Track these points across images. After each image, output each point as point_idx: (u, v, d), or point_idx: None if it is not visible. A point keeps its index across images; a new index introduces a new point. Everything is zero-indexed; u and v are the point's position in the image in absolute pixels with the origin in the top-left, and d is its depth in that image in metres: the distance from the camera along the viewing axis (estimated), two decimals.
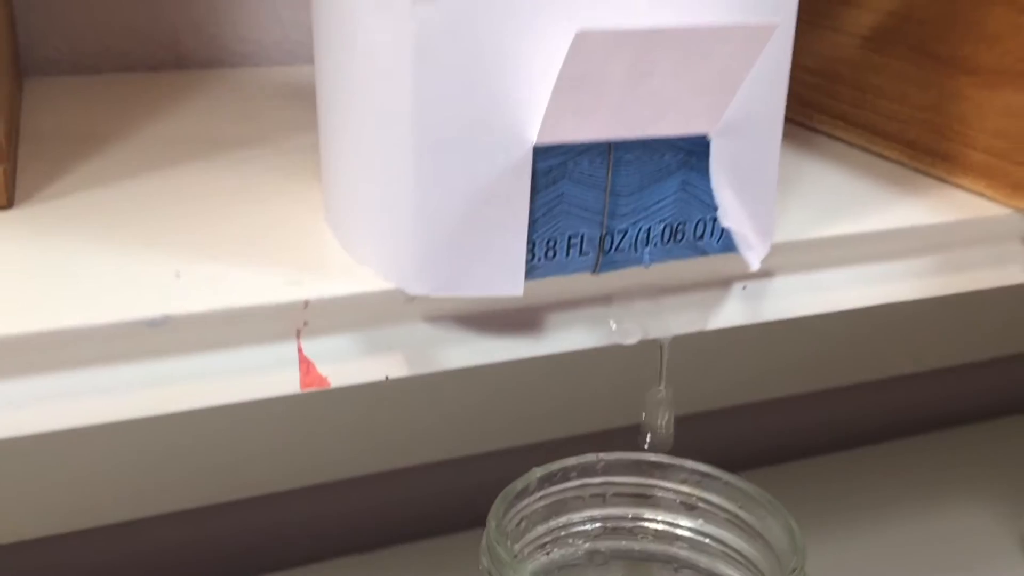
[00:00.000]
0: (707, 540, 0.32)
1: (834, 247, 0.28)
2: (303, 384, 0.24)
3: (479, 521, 0.30)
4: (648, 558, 0.33)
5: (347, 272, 0.24)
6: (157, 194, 0.28)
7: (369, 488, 0.51)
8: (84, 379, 0.22)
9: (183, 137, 0.34)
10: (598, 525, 0.33)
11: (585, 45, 0.20)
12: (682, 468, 0.32)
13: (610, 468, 0.33)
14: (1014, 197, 0.30)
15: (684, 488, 0.32)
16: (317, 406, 0.49)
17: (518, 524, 0.31)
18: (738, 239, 0.24)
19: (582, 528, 0.32)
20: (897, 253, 0.29)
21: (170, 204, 0.28)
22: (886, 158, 0.34)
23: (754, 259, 0.25)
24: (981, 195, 0.31)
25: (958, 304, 0.47)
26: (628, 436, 0.34)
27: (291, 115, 0.37)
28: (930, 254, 0.30)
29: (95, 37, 0.42)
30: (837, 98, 0.35)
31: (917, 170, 0.33)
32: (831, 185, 0.32)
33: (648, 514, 0.33)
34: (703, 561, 0.32)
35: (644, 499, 0.33)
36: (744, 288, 0.28)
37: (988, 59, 0.29)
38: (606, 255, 0.24)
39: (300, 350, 0.23)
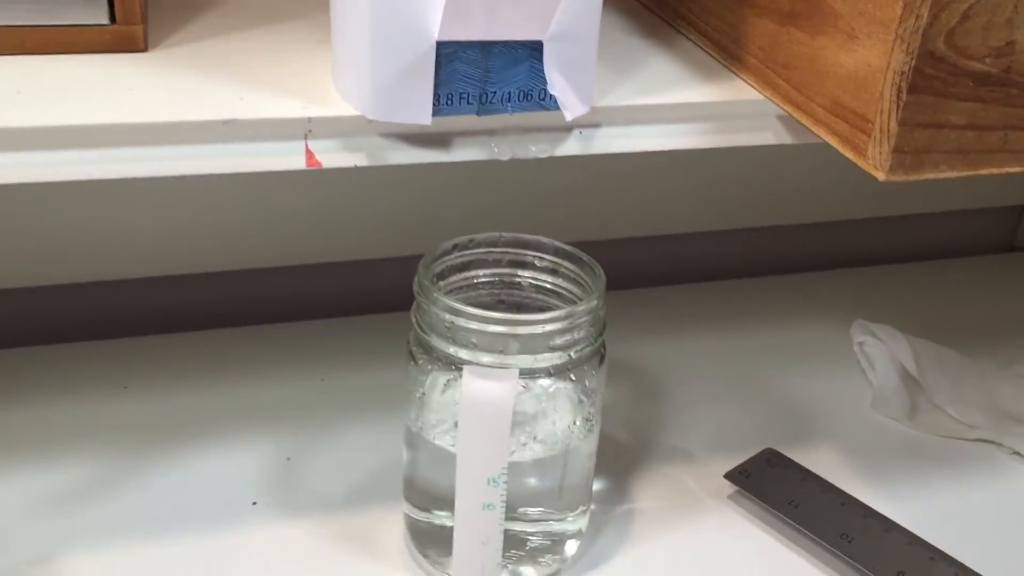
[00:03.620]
0: (562, 291, 0.51)
1: (643, 112, 0.46)
2: (307, 163, 0.42)
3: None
4: (527, 300, 0.52)
5: (336, 104, 0.42)
6: (234, 48, 0.46)
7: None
8: (188, 150, 0.40)
9: (250, 7, 0.51)
10: (495, 279, 0.52)
11: None
12: (550, 245, 0.51)
13: (507, 243, 0.51)
14: (767, 89, 0.46)
15: (549, 257, 0.51)
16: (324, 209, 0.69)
17: (440, 272, 0.50)
18: (560, 102, 0.42)
19: (484, 280, 0.51)
20: (688, 118, 0.46)
21: (242, 56, 0.46)
22: (710, 55, 0.50)
23: (568, 115, 0.42)
24: (752, 86, 0.47)
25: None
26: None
27: None
28: (711, 121, 0.47)
29: None
30: (689, 10, 0.52)
31: (724, 66, 0.49)
32: (661, 70, 0.49)
33: (528, 274, 0.52)
34: (559, 303, 0.51)
35: (526, 264, 0.51)
36: (580, 132, 0.45)
37: None
38: (483, 106, 0.42)
39: (306, 144, 0.42)
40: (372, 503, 0.56)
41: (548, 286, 0.51)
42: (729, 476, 0.57)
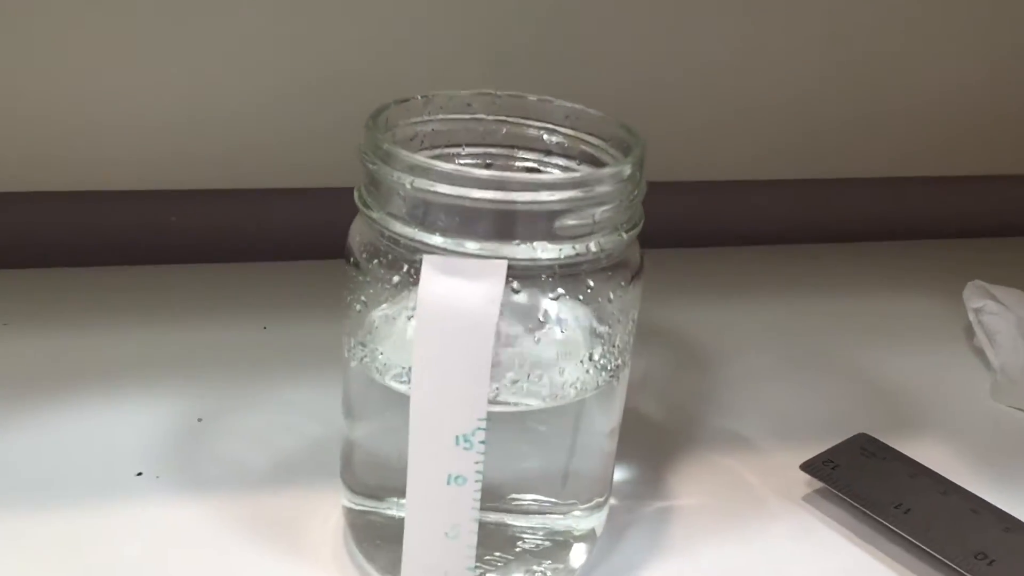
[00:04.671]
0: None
1: None
2: None
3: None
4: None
5: None
6: None
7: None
8: None
9: None
10: (485, 162, 0.36)
11: None
12: (568, 110, 0.36)
13: (505, 106, 0.36)
14: None
15: (565, 129, 0.36)
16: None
17: (404, 139, 0.34)
18: None
19: (469, 162, 0.36)
20: None
21: None
22: None
23: None
24: None
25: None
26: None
27: None
28: None
29: None
30: None
31: None
32: None
33: (533, 156, 0.36)
34: None
35: (531, 141, 0.36)
36: None
37: None
38: None
39: None
40: (304, 482, 0.40)
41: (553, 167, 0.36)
42: (807, 467, 0.41)
